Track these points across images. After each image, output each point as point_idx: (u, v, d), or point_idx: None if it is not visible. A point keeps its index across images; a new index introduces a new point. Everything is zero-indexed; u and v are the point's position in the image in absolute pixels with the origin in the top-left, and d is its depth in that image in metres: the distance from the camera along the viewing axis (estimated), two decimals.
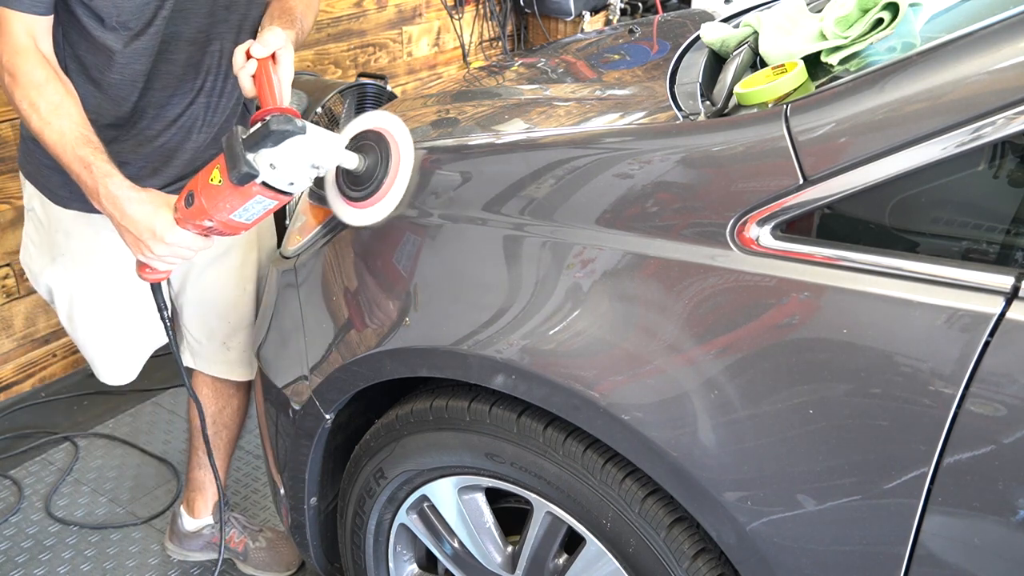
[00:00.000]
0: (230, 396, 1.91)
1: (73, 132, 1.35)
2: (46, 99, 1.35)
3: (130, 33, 1.43)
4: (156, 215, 1.31)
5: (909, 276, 0.93)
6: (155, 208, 1.32)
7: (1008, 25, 0.91)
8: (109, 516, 2.24)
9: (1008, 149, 0.92)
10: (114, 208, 1.33)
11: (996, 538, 0.92)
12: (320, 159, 1.21)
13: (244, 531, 2.03)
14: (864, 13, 1.20)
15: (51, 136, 1.35)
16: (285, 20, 1.47)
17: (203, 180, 1.25)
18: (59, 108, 1.35)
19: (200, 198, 1.25)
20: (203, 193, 1.24)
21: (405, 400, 1.42)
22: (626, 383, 1.09)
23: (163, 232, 1.31)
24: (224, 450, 1.97)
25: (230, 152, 1.19)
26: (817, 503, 0.99)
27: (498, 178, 1.24)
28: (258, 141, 1.17)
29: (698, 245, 1.05)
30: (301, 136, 1.17)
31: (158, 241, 1.32)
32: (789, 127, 1.00)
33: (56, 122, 1.35)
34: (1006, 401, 0.88)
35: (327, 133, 1.21)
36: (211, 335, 1.80)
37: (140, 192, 1.34)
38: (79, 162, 1.34)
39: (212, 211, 1.24)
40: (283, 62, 1.33)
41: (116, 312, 1.72)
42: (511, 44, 4.20)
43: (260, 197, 1.22)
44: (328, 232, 1.45)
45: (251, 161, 1.18)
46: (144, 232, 1.32)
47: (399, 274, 1.32)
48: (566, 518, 1.27)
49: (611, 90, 1.48)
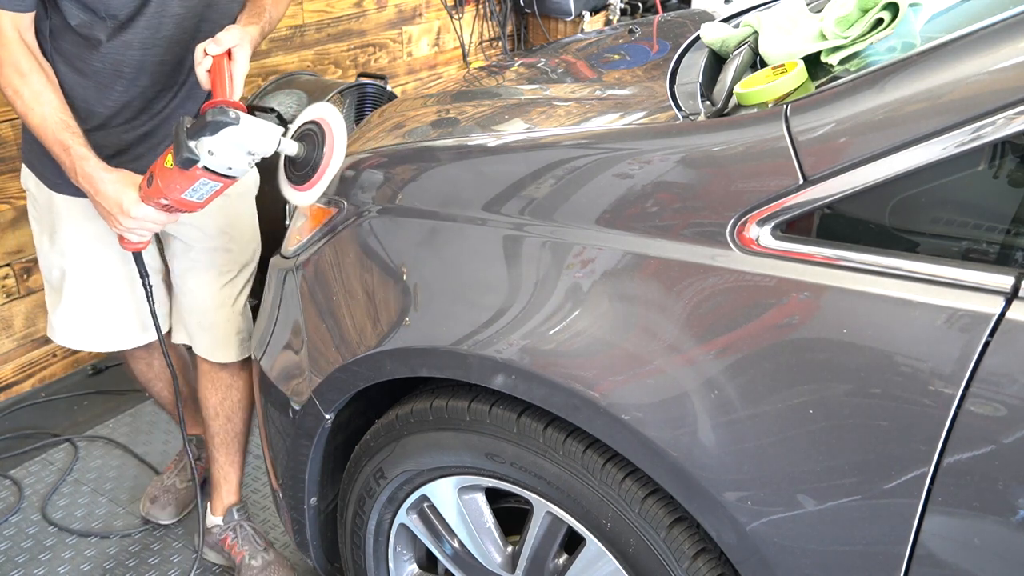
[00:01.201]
0: (228, 387, 1.94)
1: (54, 117, 1.51)
2: (30, 87, 1.50)
3: (116, 23, 1.53)
4: (123, 192, 1.49)
5: (909, 276, 0.93)
6: (123, 186, 1.50)
7: (1008, 25, 0.91)
8: (109, 517, 2.24)
9: (1008, 149, 0.92)
10: (89, 185, 1.51)
11: (996, 538, 0.92)
12: (255, 147, 1.36)
13: (246, 544, 2.03)
14: (864, 13, 1.20)
15: (34, 120, 1.51)
16: (252, 14, 1.62)
17: (160, 163, 1.42)
18: (40, 96, 1.51)
19: (157, 179, 1.43)
20: (159, 175, 1.42)
21: (405, 400, 1.42)
22: (626, 383, 1.09)
23: (128, 207, 1.49)
24: (232, 444, 1.99)
25: (176, 139, 1.36)
26: (817, 503, 0.99)
27: (498, 178, 1.24)
28: (198, 130, 1.33)
29: (698, 245, 1.05)
30: (235, 126, 1.32)
31: (125, 215, 1.50)
32: (789, 127, 1.00)
33: (38, 108, 1.50)
34: (1006, 401, 0.88)
35: (262, 123, 1.35)
36: (191, 314, 1.87)
37: (112, 172, 1.51)
38: (59, 145, 1.51)
39: (166, 191, 1.42)
40: (238, 58, 1.46)
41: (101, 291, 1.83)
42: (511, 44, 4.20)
43: (204, 180, 1.39)
44: (328, 232, 1.45)
45: (192, 148, 1.34)
46: (114, 207, 1.51)
47: (399, 274, 1.32)
48: (566, 518, 1.27)
49: (611, 90, 1.48)
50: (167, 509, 2.20)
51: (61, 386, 2.70)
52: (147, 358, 2.06)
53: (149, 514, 2.20)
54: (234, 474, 2.04)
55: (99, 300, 1.84)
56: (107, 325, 1.87)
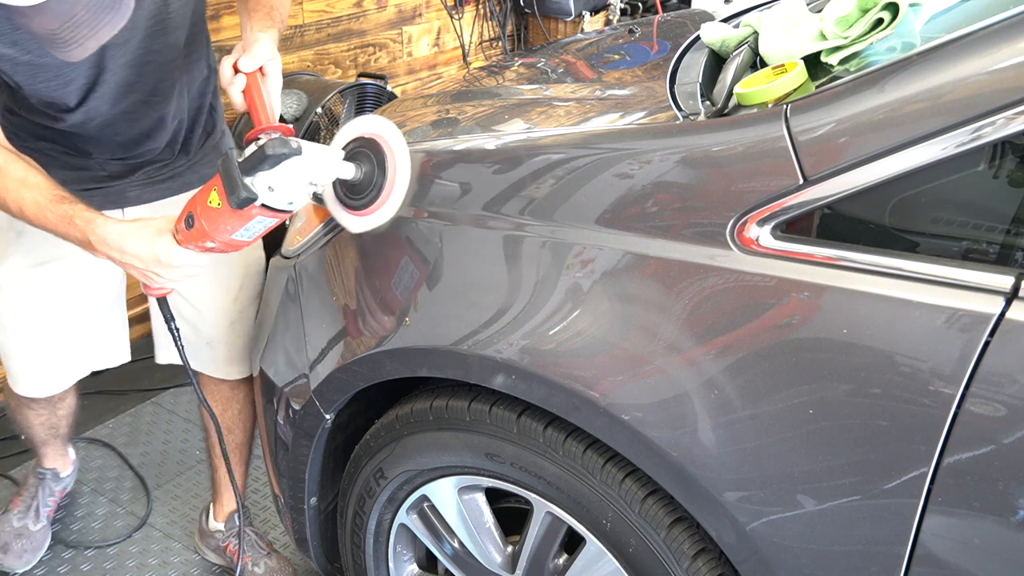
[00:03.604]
0: (228, 399, 1.91)
1: (45, 196, 1.34)
2: (11, 178, 1.35)
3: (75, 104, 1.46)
4: (156, 244, 1.30)
5: (909, 276, 0.93)
6: (151, 237, 1.31)
7: (1008, 25, 0.91)
8: (109, 517, 2.24)
9: (1008, 149, 0.92)
10: (110, 250, 1.32)
11: (996, 538, 0.92)
12: (317, 176, 1.22)
13: (249, 549, 2.02)
14: (864, 13, 1.20)
15: (30, 209, 1.35)
16: (264, 17, 1.45)
17: (202, 203, 1.25)
18: (26, 182, 1.35)
19: (200, 220, 1.25)
20: (203, 216, 1.24)
21: (405, 400, 1.42)
22: (626, 383, 1.09)
23: (168, 258, 1.30)
24: (234, 455, 1.96)
25: (227, 177, 1.19)
26: (817, 503, 0.99)
27: (498, 178, 1.24)
28: (255, 165, 1.17)
29: (698, 245, 1.05)
30: (297, 157, 1.18)
31: (166, 267, 1.31)
32: (789, 127, 1.00)
33: (28, 195, 1.34)
34: (1006, 401, 0.88)
35: (322, 149, 1.22)
36: (196, 332, 1.79)
37: (129, 225, 1.33)
38: (62, 221, 1.34)
39: (213, 233, 1.25)
40: (272, 74, 1.34)
41: (53, 322, 1.72)
42: (511, 44, 4.20)
43: (260, 217, 1.23)
44: (328, 232, 1.45)
45: (249, 185, 1.18)
46: (150, 263, 1.31)
47: (399, 274, 1.32)
48: (566, 518, 1.27)
49: (611, 90, 1.48)
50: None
51: None
52: (50, 406, 1.95)
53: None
54: (239, 480, 2.02)
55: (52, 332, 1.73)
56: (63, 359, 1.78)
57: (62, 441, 2.12)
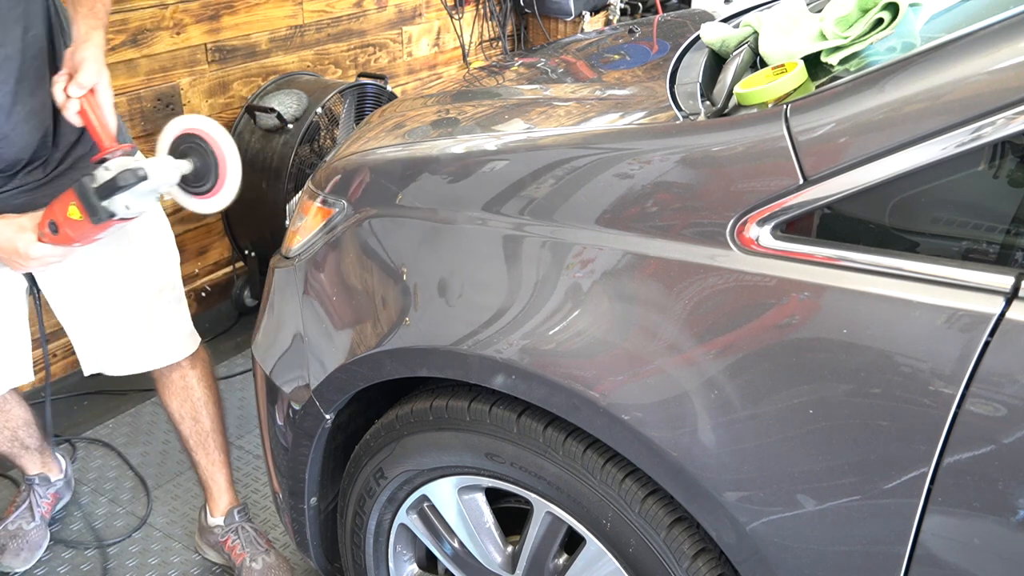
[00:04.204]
0: (182, 388, 1.91)
1: None
2: None
3: None
4: (16, 239, 1.50)
5: (909, 276, 0.93)
6: (13, 232, 1.50)
7: (1008, 25, 0.91)
8: (109, 517, 2.24)
9: (1008, 149, 0.92)
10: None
11: (996, 538, 0.92)
12: (163, 186, 1.45)
13: (248, 546, 2.02)
14: (864, 13, 1.20)
15: None
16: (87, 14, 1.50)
17: (62, 214, 1.46)
18: None
19: (64, 229, 1.47)
20: (66, 225, 1.47)
21: (405, 400, 1.42)
22: (626, 383, 1.09)
23: (26, 251, 1.50)
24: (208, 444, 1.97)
25: (86, 201, 1.42)
26: (817, 503, 0.99)
27: (498, 178, 1.24)
28: (110, 191, 1.41)
29: (698, 245, 1.05)
30: (145, 181, 1.41)
31: (25, 258, 1.52)
32: (789, 127, 1.00)
33: None
34: (1006, 401, 0.88)
35: (162, 164, 1.44)
36: (120, 332, 1.80)
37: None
38: None
39: (78, 238, 1.48)
40: (102, 92, 1.47)
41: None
42: (511, 44, 4.20)
43: (117, 224, 1.48)
44: (328, 232, 1.45)
45: (107, 208, 1.42)
46: (12, 254, 1.52)
47: (399, 274, 1.32)
48: (566, 518, 1.27)
49: (611, 90, 1.48)
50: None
51: (61, 386, 2.69)
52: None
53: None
54: (220, 474, 2.03)
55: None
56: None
57: (37, 451, 2.12)
